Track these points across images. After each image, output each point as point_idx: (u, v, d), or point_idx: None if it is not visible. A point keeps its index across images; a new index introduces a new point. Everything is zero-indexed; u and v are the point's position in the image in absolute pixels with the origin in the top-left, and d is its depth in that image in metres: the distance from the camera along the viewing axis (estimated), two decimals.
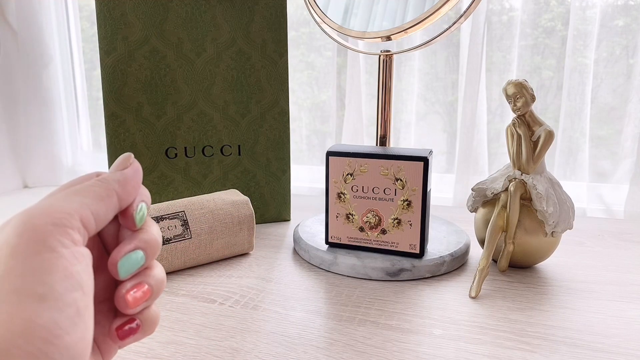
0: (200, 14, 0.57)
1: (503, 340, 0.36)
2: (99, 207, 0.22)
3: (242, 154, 0.62)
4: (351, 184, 0.44)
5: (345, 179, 0.44)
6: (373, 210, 0.44)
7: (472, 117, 0.92)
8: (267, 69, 0.60)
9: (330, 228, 0.46)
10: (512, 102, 0.45)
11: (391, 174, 0.42)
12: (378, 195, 0.43)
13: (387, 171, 0.42)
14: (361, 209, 0.44)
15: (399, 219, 0.43)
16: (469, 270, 0.49)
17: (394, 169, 0.42)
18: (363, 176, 0.43)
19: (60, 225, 0.19)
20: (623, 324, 0.39)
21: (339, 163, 0.44)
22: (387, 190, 0.43)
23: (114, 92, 0.56)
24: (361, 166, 0.43)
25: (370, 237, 0.45)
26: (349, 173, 0.44)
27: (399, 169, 0.42)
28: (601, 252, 0.54)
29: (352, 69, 1.00)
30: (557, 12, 0.89)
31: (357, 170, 0.43)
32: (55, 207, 0.20)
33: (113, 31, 0.55)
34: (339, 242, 0.46)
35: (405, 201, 0.43)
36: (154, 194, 0.60)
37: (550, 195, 0.45)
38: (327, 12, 0.56)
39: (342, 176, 0.44)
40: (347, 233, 0.45)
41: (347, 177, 0.44)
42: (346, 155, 0.44)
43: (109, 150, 0.58)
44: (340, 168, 0.44)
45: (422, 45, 0.52)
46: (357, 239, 0.45)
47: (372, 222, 0.44)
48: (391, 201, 0.43)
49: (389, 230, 0.44)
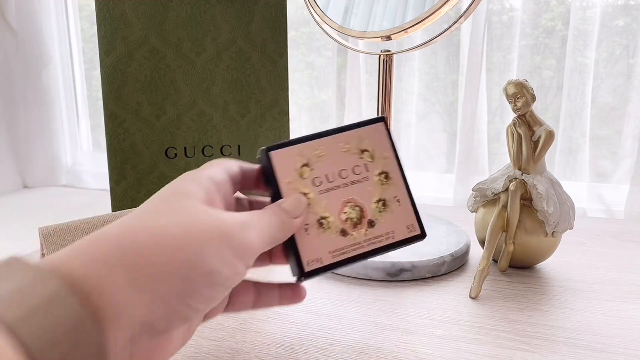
0: (200, 13, 0.57)
1: (503, 340, 0.36)
2: (268, 247, 0.27)
3: (242, 154, 0.62)
4: (311, 177, 0.33)
5: (301, 174, 0.33)
6: (349, 202, 0.33)
7: (472, 117, 0.92)
8: (267, 68, 0.60)
9: (302, 250, 0.31)
10: (513, 102, 0.45)
11: (353, 147, 0.35)
12: (348, 178, 0.34)
13: (348, 146, 0.34)
14: (335, 204, 0.33)
15: (383, 200, 0.34)
16: (469, 270, 0.49)
17: (355, 140, 0.35)
18: (322, 162, 0.34)
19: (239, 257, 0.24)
20: (623, 324, 0.39)
21: (287, 157, 0.33)
22: (356, 169, 0.34)
23: (114, 92, 0.56)
24: (315, 150, 0.34)
25: (357, 238, 0.33)
26: (304, 164, 0.33)
27: (361, 139, 0.35)
28: (601, 252, 0.54)
29: (352, 69, 1.00)
30: (558, 12, 0.88)
31: (313, 158, 0.34)
32: (260, 243, 0.25)
33: (112, 31, 0.55)
34: (320, 265, 0.32)
35: (382, 174, 0.34)
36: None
37: (551, 195, 0.45)
38: (327, 11, 0.56)
39: (295, 172, 0.33)
40: (328, 246, 0.32)
41: (302, 170, 0.33)
42: (293, 144, 0.34)
43: (108, 150, 0.58)
44: (289, 163, 0.33)
45: (422, 45, 0.52)
46: (343, 249, 0.33)
47: (353, 216, 0.33)
48: (366, 180, 0.34)
49: (377, 219, 0.34)
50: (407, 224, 0.35)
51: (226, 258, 0.23)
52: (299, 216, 0.29)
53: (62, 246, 0.41)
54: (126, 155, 0.58)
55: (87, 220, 0.44)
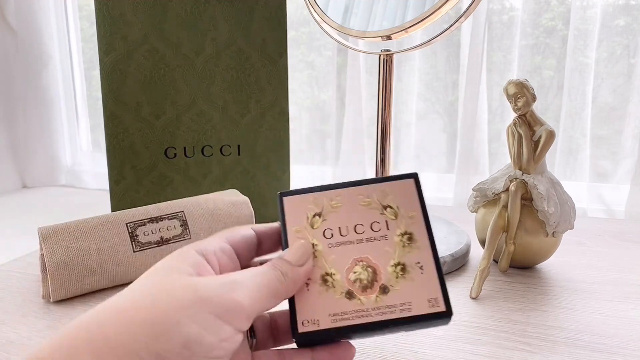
0: (199, 13, 0.57)
1: (503, 340, 0.36)
2: (270, 306, 0.24)
3: (242, 154, 0.62)
4: (322, 228, 0.30)
5: (312, 223, 0.30)
6: (362, 260, 0.29)
7: (473, 117, 0.92)
8: (267, 68, 0.60)
9: (299, 307, 0.28)
10: (513, 102, 0.45)
11: (375, 201, 0.31)
12: (364, 234, 0.30)
13: (368, 199, 0.31)
14: (343, 262, 0.29)
15: (402, 264, 0.29)
16: (469, 270, 0.49)
17: (378, 194, 0.31)
18: (337, 213, 0.30)
19: (229, 319, 0.22)
20: (624, 325, 0.38)
21: (299, 204, 0.31)
22: (375, 226, 0.30)
23: (113, 92, 0.56)
24: (332, 200, 0.31)
25: (365, 304, 0.28)
26: (316, 213, 0.30)
27: (385, 194, 0.31)
28: (602, 253, 0.54)
29: (352, 69, 1.00)
30: (558, 11, 0.88)
31: (327, 207, 0.30)
32: (248, 302, 0.23)
33: (112, 31, 0.55)
34: (316, 328, 0.27)
35: (404, 234, 0.30)
36: (153, 195, 0.60)
37: (552, 196, 0.45)
38: (327, 11, 0.56)
39: (306, 220, 0.30)
40: (329, 307, 0.28)
41: (314, 219, 0.30)
42: (308, 192, 0.31)
43: (108, 150, 0.58)
44: (301, 210, 0.30)
45: (423, 44, 0.52)
46: (345, 314, 0.28)
47: (363, 278, 0.28)
48: (384, 239, 0.29)
49: (392, 285, 0.28)
50: (429, 297, 0.28)
51: (206, 323, 0.21)
52: (304, 264, 0.27)
53: (61, 246, 0.41)
54: (126, 155, 0.58)
55: (86, 220, 0.44)
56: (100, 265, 0.42)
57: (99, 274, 0.43)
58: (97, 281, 0.43)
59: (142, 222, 0.45)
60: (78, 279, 0.42)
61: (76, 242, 0.42)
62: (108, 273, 0.43)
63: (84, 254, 0.42)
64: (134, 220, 0.45)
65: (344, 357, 0.27)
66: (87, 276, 0.42)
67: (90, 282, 0.42)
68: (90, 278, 0.42)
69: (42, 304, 0.42)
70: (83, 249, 0.42)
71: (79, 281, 0.42)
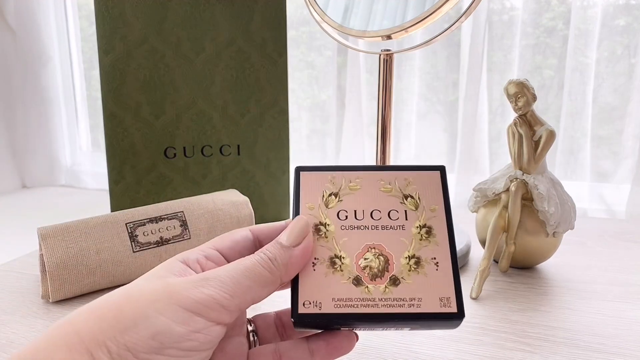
0: (199, 13, 0.57)
1: (503, 341, 0.36)
2: (261, 293, 0.24)
3: (242, 154, 0.62)
4: (336, 209, 0.29)
5: (327, 202, 0.29)
6: (374, 247, 0.28)
7: (473, 116, 0.92)
8: (267, 68, 0.60)
9: (302, 287, 0.26)
10: (514, 102, 0.45)
11: (396, 189, 0.29)
12: (380, 221, 0.29)
13: (389, 186, 0.30)
14: (355, 246, 0.28)
15: (417, 258, 0.28)
16: (469, 270, 0.49)
17: (400, 182, 0.30)
18: (354, 195, 0.29)
19: (216, 319, 0.22)
20: (624, 325, 0.38)
21: (317, 180, 0.29)
22: (393, 214, 0.29)
23: (113, 92, 0.56)
24: (351, 182, 0.30)
25: (372, 293, 0.27)
26: (333, 193, 0.29)
27: (407, 183, 0.30)
28: (602, 253, 0.54)
29: (352, 69, 1.00)
30: (558, 11, 0.88)
31: (345, 189, 0.29)
32: (222, 294, 0.23)
33: (112, 30, 0.55)
34: (317, 311, 0.26)
35: (422, 227, 0.29)
36: (153, 195, 0.60)
37: (552, 196, 0.45)
38: (327, 11, 0.56)
39: (321, 198, 0.29)
40: (333, 291, 0.26)
41: (329, 199, 0.29)
42: (327, 170, 0.30)
43: (107, 150, 0.58)
44: (318, 187, 0.29)
45: (423, 44, 0.52)
46: (350, 301, 0.26)
47: (374, 266, 0.27)
48: (401, 229, 0.28)
49: (403, 277, 0.27)
50: (441, 295, 0.27)
51: (175, 315, 0.21)
52: (300, 244, 0.26)
53: (61, 246, 0.41)
54: (125, 155, 0.58)
55: (86, 220, 0.44)
56: (99, 265, 0.42)
57: (98, 274, 0.42)
58: (96, 281, 0.43)
59: (141, 222, 0.45)
60: (77, 279, 0.42)
61: (75, 242, 0.42)
62: (107, 273, 0.43)
63: (84, 254, 0.42)
64: (133, 221, 0.45)
65: (342, 348, 0.26)
66: (87, 276, 0.42)
67: (90, 282, 0.42)
68: (89, 278, 0.42)
69: (42, 304, 0.42)
70: (82, 249, 0.42)
71: (78, 281, 0.42)
